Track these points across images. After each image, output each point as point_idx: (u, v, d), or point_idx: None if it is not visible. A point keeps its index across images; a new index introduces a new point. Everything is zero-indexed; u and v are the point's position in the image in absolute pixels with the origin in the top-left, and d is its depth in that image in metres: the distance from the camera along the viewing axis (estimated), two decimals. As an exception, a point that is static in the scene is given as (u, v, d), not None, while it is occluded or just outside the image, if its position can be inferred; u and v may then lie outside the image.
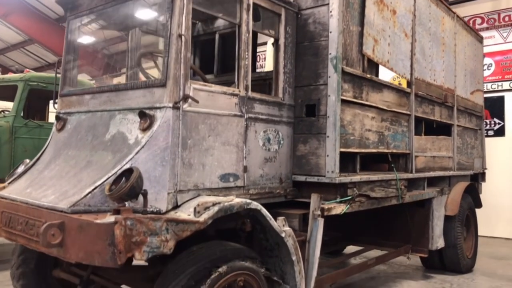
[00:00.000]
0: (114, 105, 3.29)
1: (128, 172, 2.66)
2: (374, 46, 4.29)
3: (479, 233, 6.72)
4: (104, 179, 2.79)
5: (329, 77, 3.75)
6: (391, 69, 4.66)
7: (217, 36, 4.51)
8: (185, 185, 2.97)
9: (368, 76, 4.22)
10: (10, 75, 7.05)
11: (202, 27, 4.71)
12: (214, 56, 4.67)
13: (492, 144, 8.85)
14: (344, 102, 3.86)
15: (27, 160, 3.72)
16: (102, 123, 3.33)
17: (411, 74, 5.00)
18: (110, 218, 2.43)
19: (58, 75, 4.01)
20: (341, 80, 3.79)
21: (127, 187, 2.55)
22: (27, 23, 16.10)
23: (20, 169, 3.63)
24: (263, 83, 4.18)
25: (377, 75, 4.90)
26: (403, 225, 5.65)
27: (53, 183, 3.12)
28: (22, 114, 6.50)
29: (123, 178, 2.61)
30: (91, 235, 2.43)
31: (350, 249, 6.20)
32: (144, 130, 2.96)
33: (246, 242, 3.35)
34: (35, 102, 7.10)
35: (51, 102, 7.88)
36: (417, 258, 6.36)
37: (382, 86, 4.47)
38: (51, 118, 7.52)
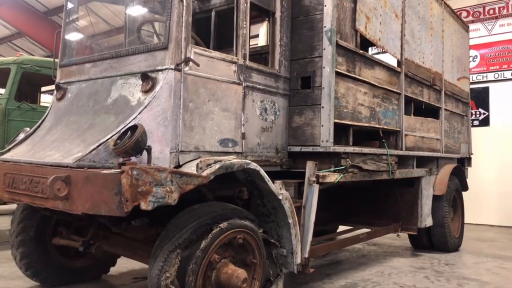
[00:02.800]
0: (116, 71, 3.36)
1: (133, 128, 2.73)
2: (366, 23, 4.43)
3: (465, 221, 6.89)
4: (108, 137, 2.86)
5: (324, 49, 3.87)
6: (382, 48, 4.80)
7: (213, 14, 4.60)
8: (187, 146, 3.06)
9: (361, 51, 4.35)
10: (2, 58, 7.04)
11: (198, 5, 4.79)
12: (209, 34, 4.75)
13: (477, 133, 9.08)
14: (338, 75, 3.98)
15: (27, 128, 3.76)
16: (103, 89, 3.39)
17: (401, 54, 5.16)
18: (116, 170, 2.50)
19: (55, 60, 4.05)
20: (335, 53, 3.92)
21: (133, 141, 2.62)
22: (15, 15, 16.00)
23: (20, 136, 3.67)
24: (259, 57, 4.29)
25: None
26: (393, 205, 5.80)
27: (56, 145, 3.18)
28: (15, 97, 6.49)
29: (128, 133, 2.69)
30: (98, 185, 2.50)
31: (341, 229, 6.32)
32: (147, 92, 3.04)
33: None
34: (27, 86, 7.09)
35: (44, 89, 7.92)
36: (406, 241, 6.53)
37: (374, 63, 4.61)
38: (43, 102, 7.54)
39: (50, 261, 3.91)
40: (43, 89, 7.96)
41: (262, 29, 6.64)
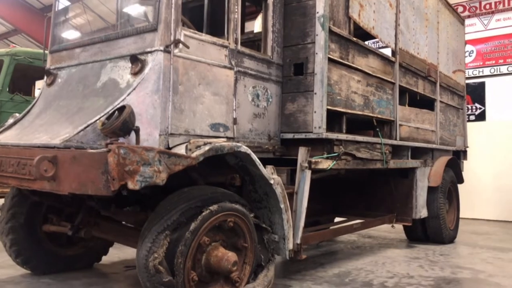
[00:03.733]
0: (105, 55, 3.33)
1: (121, 109, 2.70)
2: (360, 10, 4.40)
3: (460, 215, 6.87)
4: (96, 118, 2.83)
5: (317, 35, 3.85)
6: (376, 36, 4.78)
7: (206, 1, 4.58)
8: (176, 129, 3.03)
9: (354, 39, 4.33)
10: (-5, 50, 7.00)
11: (191, -7, 4.77)
12: (202, 22, 4.74)
13: (473, 128, 9.07)
14: (331, 61, 3.96)
15: (17, 114, 3.73)
16: (93, 73, 3.36)
17: (396, 44, 5.13)
18: (103, 149, 2.48)
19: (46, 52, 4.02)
20: (328, 39, 3.89)
21: (120, 121, 2.60)
22: (11, 12, 15.92)
23: (10, 121, 3.64)
24: (252, 44, 4.26)
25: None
26: (388, 197, 5.78)
27: (45, 129, 3.15)
28: (8, 89, 6.46)
29: (116, 113, 2.66)
30: (85, 164, 2.47)
31: (336, 221, 6.30)
32: (136, 74, 3.02)
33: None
34: (22, 79, 7.06)
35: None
36: (401, 233, 6.51)
37: (367, 51, 4.58)
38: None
39: (40, 248, 3.87)
40: (38, 84, 7.93)
41: (257, 22, 6.62)
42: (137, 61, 3.01)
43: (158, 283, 2.56)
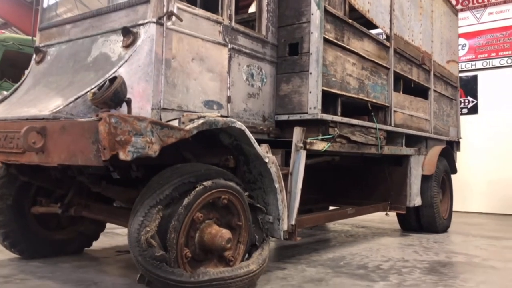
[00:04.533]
0: (97, 30, 3.24)
1: (112, 80, 2.62)
2: (355, -8, 4.36)
3: (452, 208, 6.85)
4: (87, 90, 2.75)
5: (312, 14, 3.80)
6: (372, 20, 4.73)
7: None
8: (169, 104, 2.96)
9: (349, 20, 4.28)
10: (-16, 37, 6.86)
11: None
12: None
13: (466, 121, 9.08)
14: (326, 42, 3.91)
15: (5, 92, 3.63)
16: (84, 49, 3.28)
17: (390, 29, 5.10)
18: (93, 118, 2.40)
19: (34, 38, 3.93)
20: (324, 18, 3.84)
21: (112, 91, 2.52)
22: (1, 5, 15.70)
23: (-3, 99, 3.54)
24: (246, 24, 4.18)
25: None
26: (382, 185, 5.74)
27: (34, 103, 3.06)
28: (-4, 76, 6.34)
29: (107, 83, 2.58)
30: (75, 134, 2.39)
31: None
32: (127, 46, 2.94)
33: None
34: (12, 68, 6.93)
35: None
36: (395, 224, 6.48)
37: (362, 34, 4.54)
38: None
39: (29, 231, 3.77)
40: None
41: (251, 9, 6.55)
42: (129, 33, 2.93)
43: (150, 257, 2.48)
